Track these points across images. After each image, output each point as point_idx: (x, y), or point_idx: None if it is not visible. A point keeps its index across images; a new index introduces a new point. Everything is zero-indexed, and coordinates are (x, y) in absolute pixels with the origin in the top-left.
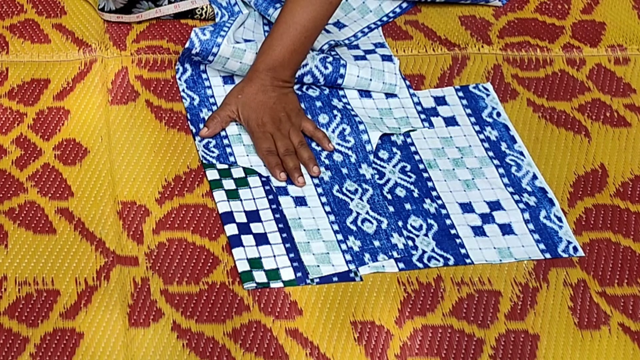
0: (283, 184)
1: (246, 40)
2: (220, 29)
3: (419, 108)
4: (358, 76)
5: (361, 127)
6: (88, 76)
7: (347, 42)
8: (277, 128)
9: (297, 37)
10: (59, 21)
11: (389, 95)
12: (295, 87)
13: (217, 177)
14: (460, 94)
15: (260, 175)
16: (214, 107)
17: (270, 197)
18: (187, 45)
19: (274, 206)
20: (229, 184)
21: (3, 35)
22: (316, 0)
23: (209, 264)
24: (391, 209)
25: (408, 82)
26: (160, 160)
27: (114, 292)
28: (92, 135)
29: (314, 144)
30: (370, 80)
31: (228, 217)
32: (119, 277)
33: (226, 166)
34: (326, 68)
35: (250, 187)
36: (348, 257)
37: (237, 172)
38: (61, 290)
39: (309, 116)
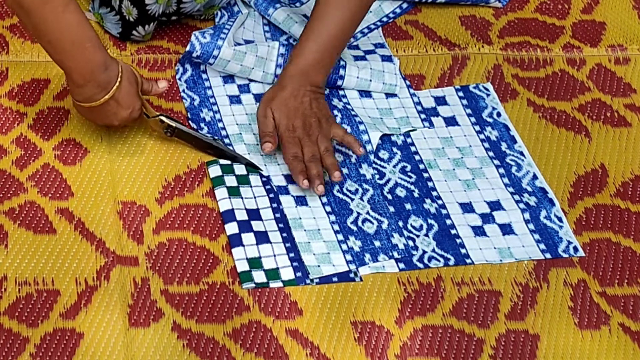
0: (284, 182)
1: (246, 41)
2: (220, 32)
3: (419, 108)
4: (357, 77)
5: (361, 127)
6: None
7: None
8: (307, 134)
9: (328, 41)
10: None
11: (389, 95)
12: None
13: (220, 173)
14: (461, 94)
15: (261, 175)
16: (214, 107)
17: (271, 195)
18: (187, 48)
19: (274, 205)
20: (230, 181)
21: (3, 35)
22: (346, 4)
23: (209, 264)
24: (391, 209)
25: (408, 82)
26: (160, 160)
27: (114, 292)
28: (92, 135)
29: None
30: (370, 81)
31: (229, 215)
32: (119, 277)
33: (229, 162)
34: None
35: (251, 186)
36: (349, 257)
37: (240, 169)
38: (61, 290)
39: None
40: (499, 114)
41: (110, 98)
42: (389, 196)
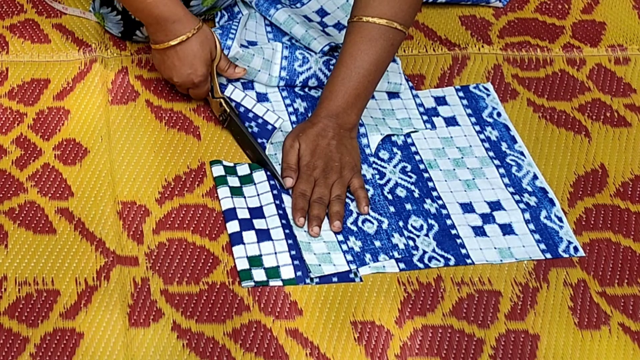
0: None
1: (249, 42)
2: (228, 32)
3: (422, 109)
4: None
5: (361, 130)
6: (88, 76)
7: None
8: (325, 176)
9: (360, 81)
10: (59, 21)
11: (391, 96)
12: (297, 88)
13: (222, 173)
14: (461, 94)
15: (265, 171)
16: None
17: (275, 192)
18: None
19: (277, 202)
20: (233, 181)
21: (3, 35)
22: (377, 42)
23: (209, 264)
24: (392, 209)
25: (411, 83)
26: (160, 160)
27: (114, 292)
28: (92, 135)
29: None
30: None
31: (231, 213)
32: (119, 277)
33: (231, 164)
34: (330, 70)
35: (255, 184)
36: (349, 257)
37: (242, 170)
38: (61, 290)
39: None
40: (499, 114)
41: (172, 47)
42: (389, 196)
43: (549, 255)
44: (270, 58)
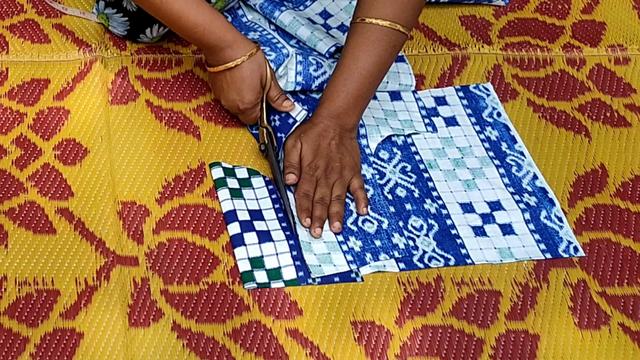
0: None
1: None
2: (274, 44)
3: (424, 112)
4: None
5: (362, 131)
6: (88, 76)
7: None
8: (326, 176)
9: (362, 82)
10: (59, 21)
11: (393, 97)
12: (298, 92)
13: (222, 175)
14: (461, 94)
15: (264, 177)
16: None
17: (274, 196)
18: None
19: (277, 205)
20: (232, 183)
21: (3, 35)
22: (379, 44)
23: (209, 264)
24: (392, 209)
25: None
26: (160, 160)
27: (114, 292)
28: (92, 135)
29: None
30: (387, 82)
31: (231, 215)
32: (119, 277)
33: (230, 166)
34: None
35: (253, 188)
36: (349, 257)
37: (241, 173)
38: (61, 290)
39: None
40: (499, 114)
41: (221, 72)
42: (389, 196)
43: (549, 255)
44: (287, 63)
